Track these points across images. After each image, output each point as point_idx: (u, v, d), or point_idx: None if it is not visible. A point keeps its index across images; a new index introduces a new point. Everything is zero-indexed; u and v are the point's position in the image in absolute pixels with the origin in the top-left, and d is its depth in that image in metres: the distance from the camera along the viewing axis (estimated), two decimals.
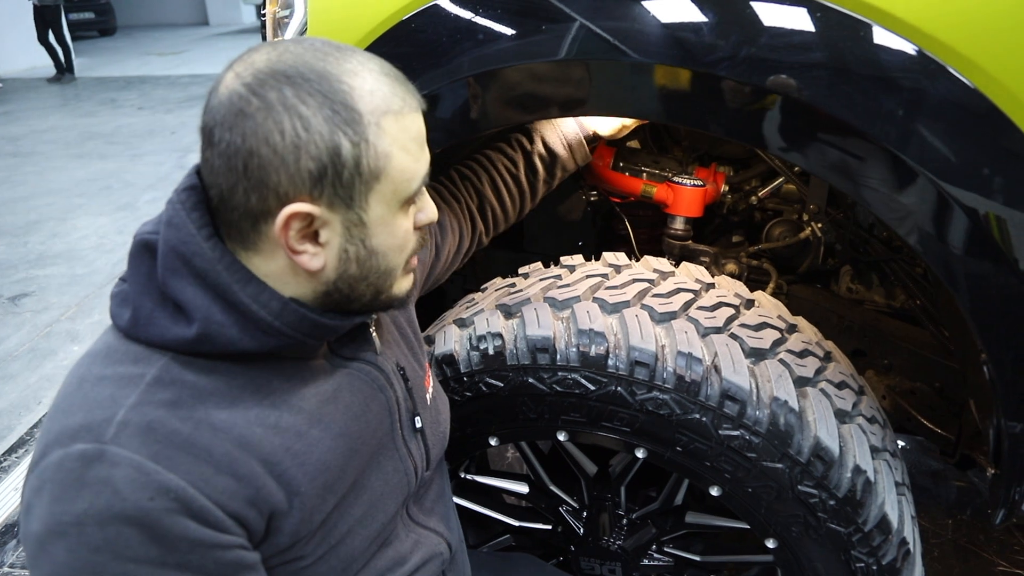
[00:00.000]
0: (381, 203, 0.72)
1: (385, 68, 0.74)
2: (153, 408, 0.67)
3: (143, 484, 0.64)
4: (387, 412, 0.87)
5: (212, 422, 0.69)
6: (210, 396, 0.71)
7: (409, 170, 0.73)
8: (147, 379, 0.69)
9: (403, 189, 0.73)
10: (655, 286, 1.17)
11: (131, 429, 0.65)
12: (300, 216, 0.69)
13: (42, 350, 3.25)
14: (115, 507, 0.63)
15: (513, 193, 1.32)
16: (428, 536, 0.97)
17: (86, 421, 0.66)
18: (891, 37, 0.92)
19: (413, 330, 1.02)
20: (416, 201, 0.77)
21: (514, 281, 1.26)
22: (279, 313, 0.72)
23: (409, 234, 0.78)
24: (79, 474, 0.64)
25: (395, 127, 0.71)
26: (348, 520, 0.81)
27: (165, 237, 0.72)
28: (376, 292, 0.78)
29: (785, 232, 1.62)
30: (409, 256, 0.80)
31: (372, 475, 0.85)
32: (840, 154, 0.97)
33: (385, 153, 0.71)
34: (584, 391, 1.06)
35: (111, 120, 7.80)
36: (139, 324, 0.72)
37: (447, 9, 1.08)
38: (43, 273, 4.03)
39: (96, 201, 5.21)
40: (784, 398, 1.02)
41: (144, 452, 0.65)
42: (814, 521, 1.05)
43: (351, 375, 0.84)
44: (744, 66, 0.96)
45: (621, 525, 1.31)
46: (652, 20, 0.99)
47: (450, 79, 1.08)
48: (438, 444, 0.99)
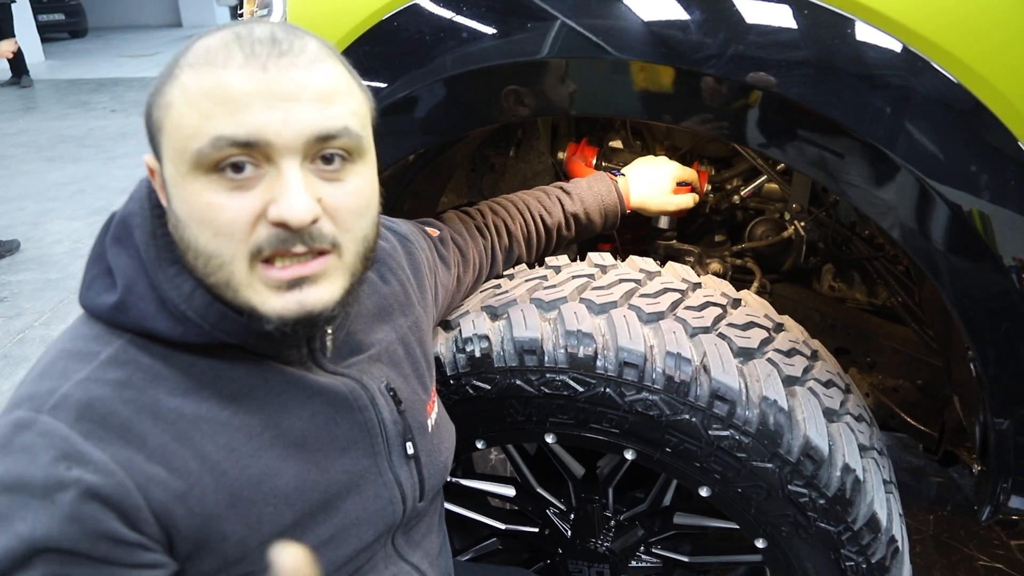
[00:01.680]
0: (169, 160, 0.67)
1: (262, 32, 0.67)
2: (99, 386, 0.67)
3: (63, 453, 0.62)
4: (365, 432, 0.82)
5: (157, 409, 0.68)
6: (164, 381, 0.70)
7: (188, 125, 0.64)
8: (102, 357, 0.69)
9: (183, 147, 0.65)
10: (642, 286, 1.16)
11: (70, 403, 0.65)
12: (148, 167, 0.72)
13: (15, 357, 3.18)
14: (26, 475, 0.61)
15: (541, 239, 1.30)
16: (408, 572, 0.91)
17: (32, 391, 0.66)
18: (876, 33, 0.92)
19: (424, 354, 0.96)
20: (229, 174, 0.65)
21: (499, 283, 1.24)
22: (188, 296, 0.69)
23: (218, 211, 0.65)
24: (7, 440, 0.63)
25: (191, 79, 0.65)
26: (311, 539, 0.77)
27: (122, 208, 0.75)
28: (218, 286, 0.68)
29: (768, 231, 1.62)
30: (246, 249, 0.66)
31: (348, 497, 0.80)
32: (825, 150, 0.97)
33: (167, 103, 0.66)
34: (573, 393, 1.05)
35: (83, 123, 7.67)
36: (84, 289, 0.74)
37: (428, 8, 1.07)
38: (15, 279, 3.95)
39: (69, 205, 5.12)
40: (773, 397, 1.01)
41: (76, 427, 0.64)
42: (804, 520, 1.04)
43: (328, 388, 0.79)
44: (729, 63, 0.95)
45: (609, 527, 1.30)
46: (634, 18, 0.99)
47: (433, 78, 1.07)
48: (436, 475, 0.93)
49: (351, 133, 0.69)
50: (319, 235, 0.67)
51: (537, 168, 1.68)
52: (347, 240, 0.71)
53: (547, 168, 1.67)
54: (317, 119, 0.66)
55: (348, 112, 0.70)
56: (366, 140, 0.72)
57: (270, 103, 0.65)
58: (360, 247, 0.73)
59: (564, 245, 1.35)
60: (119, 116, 7.98)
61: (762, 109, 0.98)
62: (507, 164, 1.69)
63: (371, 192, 0.74)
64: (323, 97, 0.68)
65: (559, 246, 1.35)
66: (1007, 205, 0.90)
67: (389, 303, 0.93)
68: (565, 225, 1.32)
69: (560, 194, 1.32)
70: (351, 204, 0.70)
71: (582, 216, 1.31)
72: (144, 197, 0.74)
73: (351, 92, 0.72)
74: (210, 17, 17.90)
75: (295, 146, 0.66)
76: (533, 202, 1.30)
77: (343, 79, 0.71)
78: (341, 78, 0.71)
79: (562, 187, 1.34)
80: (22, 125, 7.70)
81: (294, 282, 0.67)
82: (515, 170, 1.69)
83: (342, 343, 0.84)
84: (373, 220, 0.75)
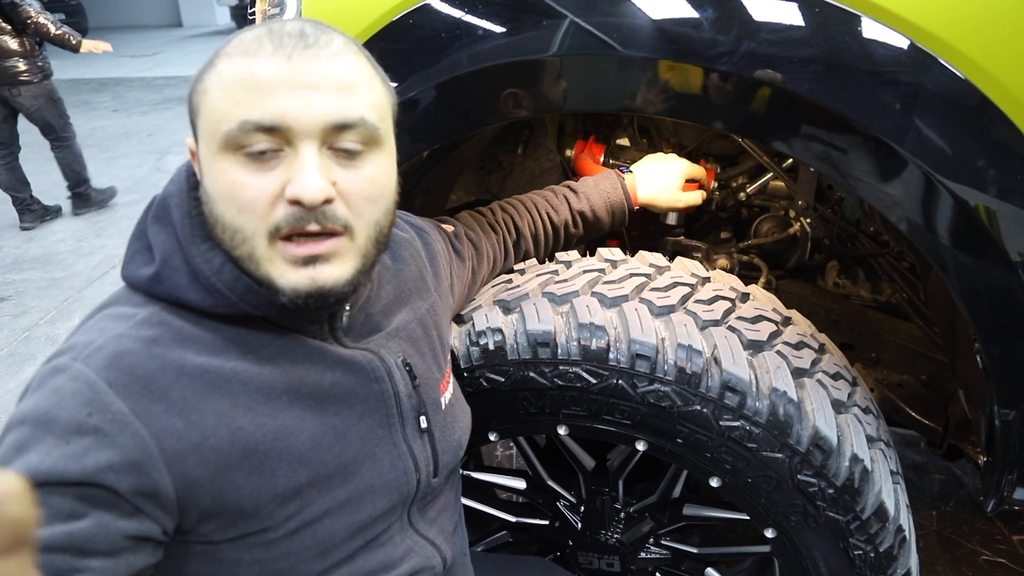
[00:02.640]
0: (204, 140, 0.73)
1: (293, 27, 0.72)
2: (131, 341, 0.72)
3: (88, 399, 0.67)
4: (380, 403, 0.86)
5: (183, 364, 0.73)
6: (192, 342, 0.75)
7: (220, 109, 0.70)
8: (137, 318, 0.75)
9: (215, 128, 0.70)
10: (652, 280, 1.18)
11: (103, 353, 0.70)
12: (189, 149, 0.78)
13: (21, 355, 3.20)
14: (51, 413, 0.66)
15: (549, 236, 1.33)
16: (423, 547, 0.94)
17: (73, 343, 0.72)
18: (883, 30, 0.94)
19: (440, 336, 1.00)
20: (254, 155, 0.70)
21: (510, 278, 1.26)
22: (218, 269, 0.75)
23: (242, 188, 0.70)
24: (43, 380, 0.69)
25: (225, 66, 0.71)
26: (327, 501, 0.81)
27: (162, 191, 0.81)
28: (242, 259, 0.73)
29: (773, 228, 1.64)
30: (266, 226, 0.71)
31: (363, 464, 0.84)
32: (835, 145, 0.99)
33: (204, 89, 0.72)
34: (585, 384, 1.07)
35: (85, 122, 7.67)
36: (125, 263, 0.80)
37: (442, 6, 1.09)
38: (20, 277, 3.97)
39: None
40: (783, 389, 1.03)
41: (103, 375, 0.69)
42: (813, 510, 1.06)
43: (348, 359, 0.84)
44: (741, 60, 0.97)
45: (619, 519, 1.32)
46: (643, 15, 1.01)
47: (447, 75, 1.09)
48: (450, 452, 0.96)
49: (367, 124, 0.73)
50: (332, 216, 0.72)
51: (545, 166, 1.70)
52: (359, 224, 0.75)
53: (555, 166, 1.69)
54: (335, 108, 0.71)
55: (366, 103, 0.74)
56: (383, 131, 0.76)
57: (293, 90, 0.70)
58: (372, 231, 0.77)
59: (575, 242, 1.37)
60: (120, 116, 7.99)
61: (773, 105, 1.00)
62: (515, 162, 1.71)
63: (386, 180, 0.78)
64: (343, 88, 0.72)
65: (569, 243, 1.37)
66: (1013, 200, 0.92)
67: (407, 287, 0.97)
68: (572, 223, 1.34)
69: (567, 192, 1.35)
70: (365, 190, 0.75)
71: (588, 213, 1.34)
72: (183, 180, 0.80)
73: (371, 85, 0.76)
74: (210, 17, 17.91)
75: (313, 131, 0.70)
76: (541, 201, 1.33)
77: (364, 73, 0.75)
78: (362, 71, 0.75)
79: (569, 186, 1.37)
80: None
81: (308, 259, 0.72)
82: (523, 168, 1.71)
83: (362, 323, 0.88)
84: (387, 207, 0.79)
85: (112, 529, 0.65)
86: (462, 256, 1.16)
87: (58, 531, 0.62)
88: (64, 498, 0.64)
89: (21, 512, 0.35)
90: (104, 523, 0.65)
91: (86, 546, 0.63)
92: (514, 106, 1.10)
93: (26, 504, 0.36)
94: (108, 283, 3.86)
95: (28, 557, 0.36)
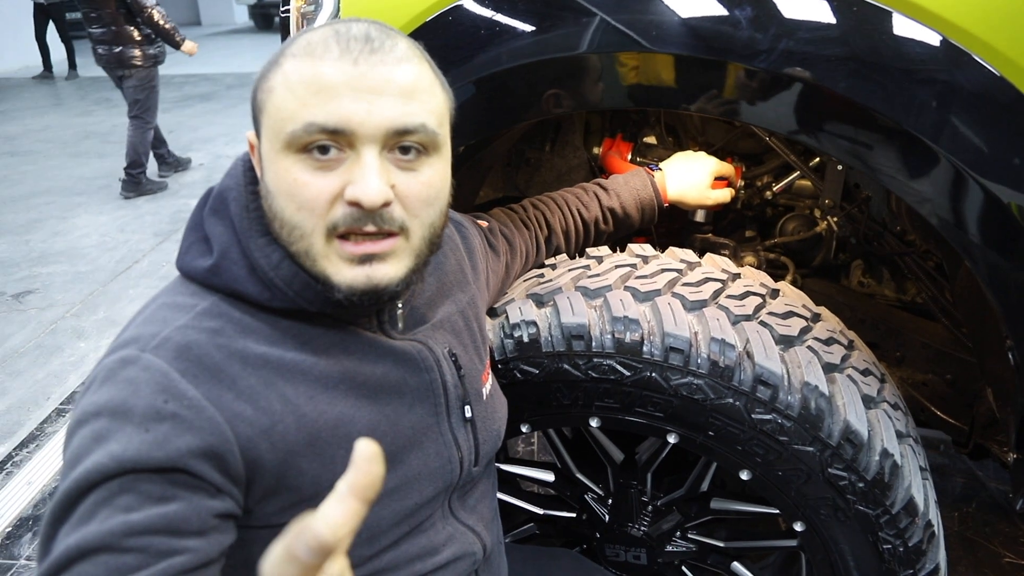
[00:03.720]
0: (268, 138, 0.75)
1: (359, 30, 0.73)
2: (196, 332, 0.74)
3: (163, 387, 0.69)
4: (429, 392, 0.89)
5: (246, 354, 0.75)
6: (252, 332, 0.77)
7: (286, 109, 0.72)
8: (198, 309, 0.77)
9: (280, 128, 0.72)
10: (684, 275, 1.19)
11: (170, 344, 0.72)
12: (249, 143, 0.80)
13: (48, 347, 3.25)
14: (128, 403, 0.68)
15: (580, 233, 1.35)
16: (465, 533, 0.97)
17: (137, 334, 0.74)
18: (916, 27, 0.95)
19: (480, 328, 1.02)
20: (316, 155, 0.72)
21: (541, 272, 1.28)
22: (276, 265, 0.77)
23: (303, 187, 0.72)
24: (113, 373, 0.71)
25: (291, 66, 0.73)
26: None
27: (219, 184, 0.83)
28: (299, 254, 0.75)
29: (799, 226, 1.65)
30: (324, 224, 0.73)
31: (412, 452, 0.86)
32: (865, 141, 1.00)
33: (270, 87, 0.74)
34: (619, 377, 1.09)
35: (107, 119, 7.77)
36: (181, 254, 0.82)
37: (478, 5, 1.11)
38: (46, 271, 4.02)
39: (96, 199, 5.20)
40: (815, 383, 1.04)
41: (174, 365, 0.71)
42: (843, 503, 1.07)
43: (399, 349, 0.86)
44: (778, 58, 0.98)
45: (646, 512, 1.34)
46: (670, 12, 1.02)
47: (486, 71, 1.11)
48: (490, 441, 0.98)
49: (427, 130, 0.75)
50: (389, 218, 0.74)
51: (572, 163, 1.71)
52: (415, 225, 0.77)
53: (582, 163, 1.70)
54: (398, 113, 0.73)
55: (427, 110, 0.75)
56: (441, 137, 0.78)
57: (358, 94, 0.71)
58: (427, 232, 0.79)
59: (605, 239, 1.39)
60: None
61: (806, 102, 1.01)
62: (542, 159, 1.72)
63: (442, 184, 0.80)
64: (405, 93, 0.74)
65: (599, 239, 1.38)
66: None
67: (449, 279, 0.99)
68: (603, 219, 1.36)
69: (597, 189, 1.37)
70: (422, 193, 0.76)
71: (618, 210, 1.35)
72: (240, 174, 0.82)
73: (432, 91, 0.78)
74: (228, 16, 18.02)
75: (375, 136, 0.72)
76: (572, 198, 1.36)
77: (426, 79, 0.77)
78: (424, 77, 0.77)
79: (599, 183, 1.38)
80: (47, 121, 7.81)
81: (365, 257, 0.74)
82: (550, 165, 1.73)
83: (408, 315, 0.90)
84: (441, 210, 0.81)
85: (203, 508, 0.67)
86: (496, 251, 1.18)
87: (153, 513, 0.64)
88: (152, 483, 0.65)
89: None
90: (195, 503, 0.67)
91: (181, 526, 0.65)
92: (553, 103, 1.12)
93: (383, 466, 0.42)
94: (131, 277, 3.91)
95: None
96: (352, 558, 0.82)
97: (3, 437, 2.64)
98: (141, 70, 4.91)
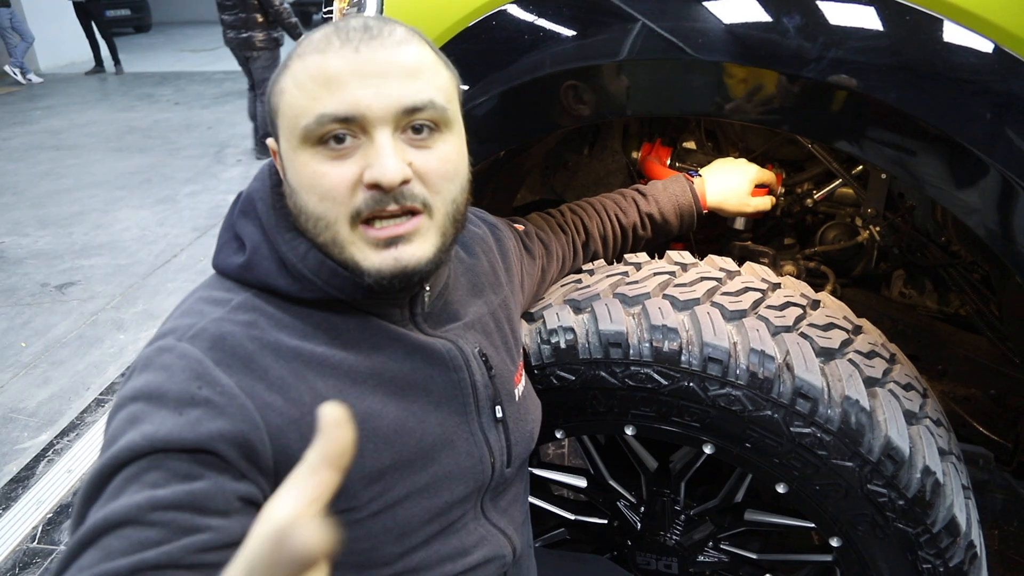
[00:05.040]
0: (285, 137, 0.77)
1: (357, 22, 0.76)
2: (231, 324, 0.77)
3: (197, 373, 0.71)
4: (458, 391, 0.89)
5: (278, 347, 0.77)
6: (284, 326, 0.79)
7: (298, 106, 0.74)
8: (233, 303, 0.80)
9: (294, 124, 0.75)
10: (723, 285, 1.18)
11: (206, 335, 0.75)
12: (271, 148, 0.83)
13: (89, 338, 3.32)
14: (163, 387, 0.70)
15: (617, 238, 1.35)
16: (495, 535, 0.97)
17: (174, 326, 0.77)
18: (967, 34, 0.93)
19: (512, 330, 1.03)
20: (332, 145, 0.74)
21: (579, 277, 1.27)
22: (303, 256, 0.79)
23: (322, 178, 0.74)
24: (150, 360, 0.74)
25: (299, 65, 0.76)
26: (408, 485, 0.83)
27: (247, 188, 0.87)
28: (326, 245, 0.78)
29: (840, 235, 1.62)
30: (347, 211, 0.75)
31: (443, 450, 0.87)
32: (911, 150, 0.98)
33: (281, 90, 0.77)
34: (656, 386, 1.08)
35: (148, 115, 7.93)
36: (216, 253, 0.86)
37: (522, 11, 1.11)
38: (88, 263, 4.11)
39: (136, 194, 5.30)
40: (855, 397, 1.02)
41: (209, 354, 0.73)
42: (882, 520, 1.05)
43: (428, 346, 0.87)
44: (827, 67, 0.97)
45: (679, 521, 1.33)
46: (715, 20, 1.01)
47: (527, 77, 1.11)
48: (522, 443, 0.98)
49: (436, 105, 0.76)
50: (410, 195, 0.75)
51: (610, 167, 1.71)
52: (437, 201, 0.78)
53: (620, 167, 1.70)
54: (405, 92, 0.74)
55: (433, 87, 0.77)
56: (451, 112, 0.79)
57: (363, 80, 0.73)
58: (449, 208, 0.80)
59: (643, 244, 1.38)
60: (182, 108, 8.22)
61: (851, 111, 0.99)
62: (580, 162, 1.72)
63: (458, 158, 0.81)
64: (409, 73, 0.75)
65: (637, 245, 1.37)
66: None
67: (481, 280, 1.00)
68: (640, 225, 1.35)
69: (636, 195, 1.36)
70: (440, 168, 0.78)
71: (657, 216, 1.34)
72: (265, 177, 0.86)
73: (436, 69, 0.79)
74: None
75: (386, 117, 0.74)
76: (610, 203, 1.35)
77: (428, 58, 0.79)
78: (426, 57, 0.78)
79: (638, 189, 1.38)
80: (91, 116, 7.98)
81: (391, 240, 0.76)
82: (588, 168, 1.72)
83: (440, 311, 0.91)
84: (462, 185, 0.82)
85: (227, 489, 0.68)
86: (532, 254, 1.18)
87: (179, 490, 0.65)
88: (180, 461, 0.67)
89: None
90: (220, 484, 0.68)
91: (206, 504, 0.66)
92: (595, 109, 1.11)
93: (352, 430, 0.41)
94: (170, 271, 3.98)
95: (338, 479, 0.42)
96: (382, 556, 0.84)
97: (45, 425, 2.70)
98: (265, 51, 5.61)
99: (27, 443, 2.61)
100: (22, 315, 3.53)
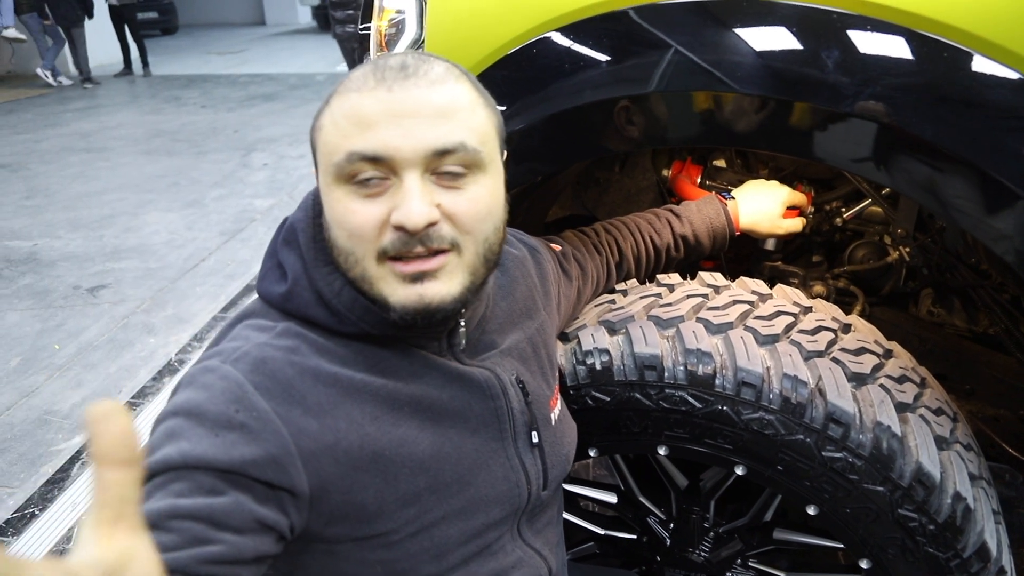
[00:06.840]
0: (322, 172, 0.79)
1: (395, 60, 0.77)
2: (273, 349, 0.79)
3: (236, 397, 0.74)
4: (495, 418, 0.91)
5: (318, 372, 0.79)
6: (325, 353, 0.82)
7: (331, 143, 0.77)
8: (277, 329, 0.82)
9: (328, 161, 0.77)
10: (756, 308, 1.20)
11: (248, 358, 0.77)
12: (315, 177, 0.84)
13: (120, 341, 3.38)
14: (202, 406, 0.73)
15: (651, 259, 1.36)
16: (532, 557, 0.99)
17: (220, 349, 0.80)
18: (993, 65, 0.94)
19: (549, 354, 1.05)
20: (363, 184, 0.76)
21: (612, 298, 1.30)
22: (338, 292, 0.81)
23: (352, 215, 0.76)
24: (194, 378, 0.77)
25: (337, 103, 0.78)
26: (444, 507, 0.85)
27: (292, 216, 0.89)
28: (356, 280, 0.80)
29: (869, 254, 1.63)
30: (375, 249, 0.77)
31: (479, 475, 0.89)
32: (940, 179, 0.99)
33: (320, 126, 0.80)
34: (690, 408, 1.10)
35: (176, 118, 8.04)
36: (260, 279, 0.89)
37: (564, 39, 1.13)
38: (118, 266, 4.18)
39: (165, 197, 5.39)
40: (887, 423, 1.04)
41: (250, 377, 0.76)
42: (912, 544, 1.07)
43: (466, 375, 0.89)
44: (859, 100, 0.99)
45: (708, 538, 1.35)
46: (749, 51, 1.03)
47: (567, 104, 1.13)
48: (558, 466, 1.00)
49: (467, 148, 0.76)
50: (437, 237, 0.76)
51: (641, 184, 1.73)
52: (467, 241, 0.79)
53: (651, 184, 1.72)
54: (434, 135, 0.75)
55: (466, 128, 0.77)
56: (485, 154, 0.79)
57: (394, 120, 0.74)
58: (481, 248, 0.80)
59: (674, 265, 1.40)
60: (208, 112, 8.33)
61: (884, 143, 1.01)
62: (611, 179, 1.74)
63: (491, 200, 0.81)
64: (441, 114, 0.76)
65: (669, 266, 1.39)
66: None
67: (518, 307, 1.02)
68: (674, 246, 1.37)
69: (670, 216, 1.38)
70: (470, 210, 0.78)
71: (691, 238, 1.36)
72: (309, 207, 0.88)
73: (472, 110, 0.79)
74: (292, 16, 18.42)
75: (415, 159, 0.75)
76: (644, 224, 1.36)
77: (465, 98, 0.78)
78: (462, 97, 0.78)
79: (672, 209, 1.39)
80: (121, 118, 8.11)
81: (416, 276, 0.77)
82: (619, 185, 1.75)
83: (477, 341, 0.93)
84: (495, 226, 0.82)
85: (247, 509, 0.71)
86: (569, 276, 1.20)
87: (199, 503, 0.68)
88: (208, 477, 0.70)
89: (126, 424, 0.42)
90: (241, 502, 0.70)
91: (222, 520, 0.69)
92: (634, 138, 1.14)
93: (128, 418, 0.43)
94: (199, 275, 4.05)
95: (137, 473, 0.44)
96: (421, 575, 0.86)
97: (79, 428, 2.76)
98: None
99: (61, 445, 2.67)
100: (55, 317, 3.60)
